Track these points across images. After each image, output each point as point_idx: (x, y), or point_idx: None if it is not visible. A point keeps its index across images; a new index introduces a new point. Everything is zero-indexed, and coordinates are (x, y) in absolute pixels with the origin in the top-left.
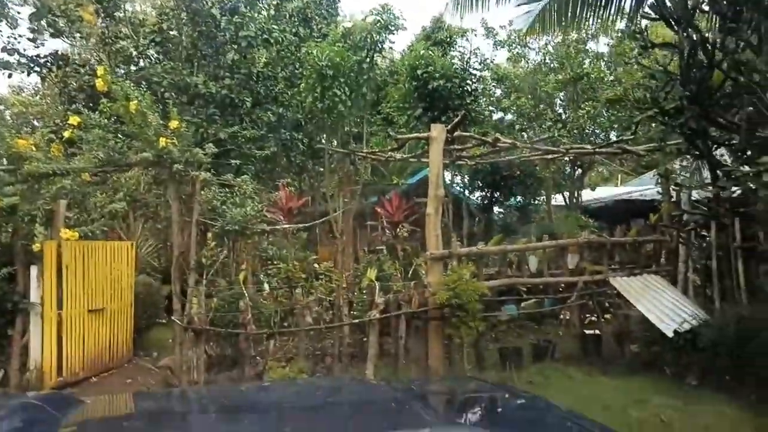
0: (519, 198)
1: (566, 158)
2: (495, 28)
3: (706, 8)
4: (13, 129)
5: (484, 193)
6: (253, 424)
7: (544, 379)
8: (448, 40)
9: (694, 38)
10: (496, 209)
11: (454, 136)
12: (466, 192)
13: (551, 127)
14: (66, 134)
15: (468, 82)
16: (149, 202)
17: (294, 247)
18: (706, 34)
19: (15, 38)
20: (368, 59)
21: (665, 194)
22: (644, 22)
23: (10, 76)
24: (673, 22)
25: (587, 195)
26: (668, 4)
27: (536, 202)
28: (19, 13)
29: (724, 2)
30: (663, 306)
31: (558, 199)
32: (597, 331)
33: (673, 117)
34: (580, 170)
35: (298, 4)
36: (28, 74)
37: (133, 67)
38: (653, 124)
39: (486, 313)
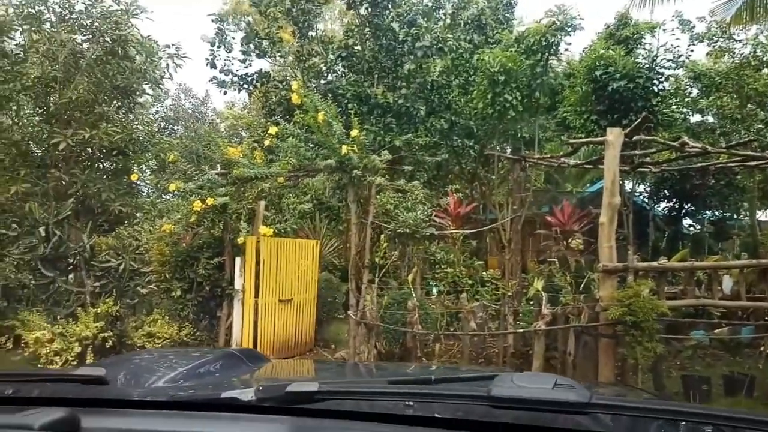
0: (714, 210)
1: None
2: (691, 20)
3: None
4: (226, 139)
5: (671, 204)
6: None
7: None
8: (635, 36)
9: None
10: (686, 222)
11: (634, 141)
12: (650, 202)
13: (762, 130)
14: (266, 143)
15: (654, 81)
16: (332, 205)
17: (462, 253)
18: None
19: (230, 61)
20: (542, 63)
21: None
22: None
23: (225, 93)
24: None
25: None
26: None
27: (737, 215)
28: (233, 38)
29: None
30: None
31: None
32: None
33: None
34: None
35: (473, 12)
36: (239, 91)
37: (322, 81)
38: None
39: (668, 335)
